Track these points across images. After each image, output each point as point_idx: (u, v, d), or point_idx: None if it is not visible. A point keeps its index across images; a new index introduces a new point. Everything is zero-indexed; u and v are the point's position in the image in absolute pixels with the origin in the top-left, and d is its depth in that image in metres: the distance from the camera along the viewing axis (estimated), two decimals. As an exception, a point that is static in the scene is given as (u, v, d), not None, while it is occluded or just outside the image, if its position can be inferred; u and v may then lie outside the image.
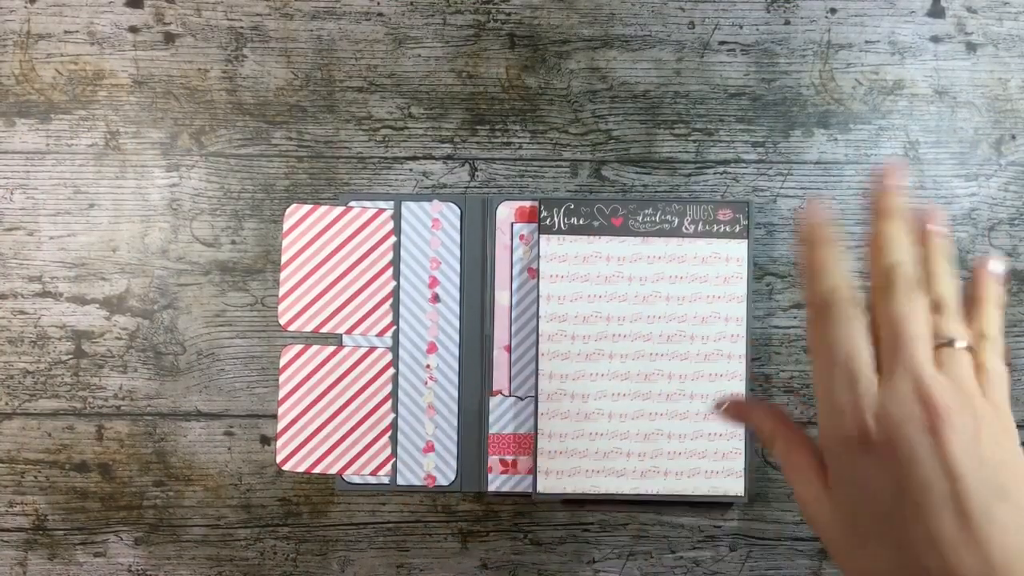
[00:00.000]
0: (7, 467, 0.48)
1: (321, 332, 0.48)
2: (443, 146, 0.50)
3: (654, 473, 0.47)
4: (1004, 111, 0.49)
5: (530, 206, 0.48)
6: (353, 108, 0.49)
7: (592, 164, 0.50)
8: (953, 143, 0.49)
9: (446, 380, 0.48)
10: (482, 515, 0.49)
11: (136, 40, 0.49)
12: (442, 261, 0.49)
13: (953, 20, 0.50)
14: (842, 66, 0.50)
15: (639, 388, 0.47)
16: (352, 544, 0.48)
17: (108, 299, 0.49)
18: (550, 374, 0.47)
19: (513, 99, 0.50)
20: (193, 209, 0.49)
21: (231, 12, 0.49)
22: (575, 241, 0.48)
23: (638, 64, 0.50)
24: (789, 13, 0.50)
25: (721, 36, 0.50)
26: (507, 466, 0.48)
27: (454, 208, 0.49)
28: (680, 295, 0.47)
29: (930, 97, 0.50)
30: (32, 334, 0.48)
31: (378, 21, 0.50)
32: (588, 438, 0.47)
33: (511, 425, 0.48)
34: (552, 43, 0.50)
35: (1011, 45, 0.50)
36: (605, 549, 0.48)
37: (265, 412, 0.48)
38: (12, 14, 0.49)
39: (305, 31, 0.49)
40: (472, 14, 0.50)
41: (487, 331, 0.48)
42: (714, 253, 0.47)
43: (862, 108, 0.49)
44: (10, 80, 0.49)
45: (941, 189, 0.49)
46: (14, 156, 0.49)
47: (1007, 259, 0.26)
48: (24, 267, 0.49)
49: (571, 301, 0.47)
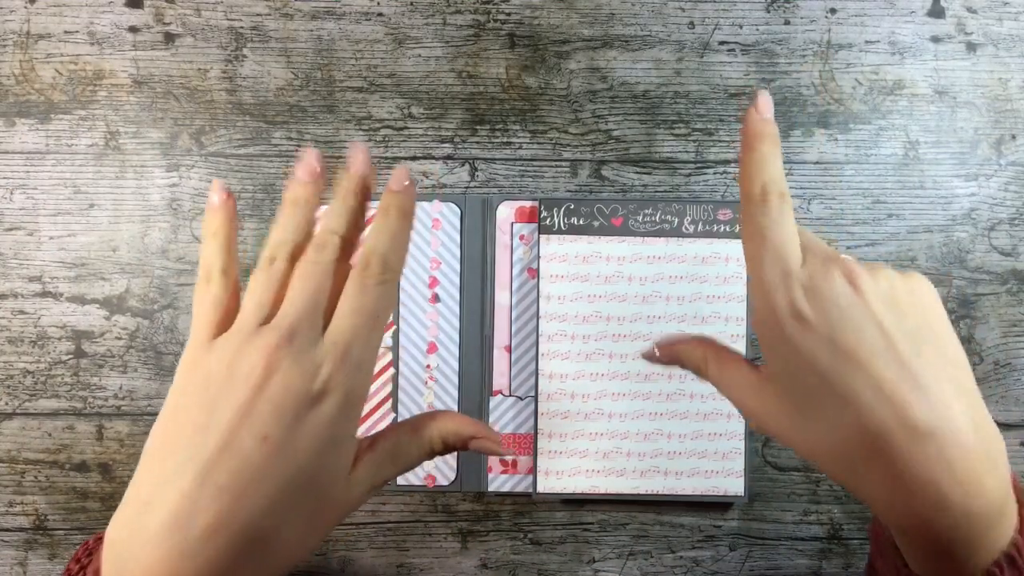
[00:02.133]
0: (7, 467, 0.48)
1: (321, 332, 0.48)
2: (443, 146, 0.50)
3: (654, 473, 0.47)
4: (1004, 111, 0.49)
5: (530, 206, 0.48)
6: (353, 108, 0.49)
7: (592, 164, 0.50)
8: (953, 143, 0.49)
9: (446, 380, 0.48)
10: (482, 515, 0.49)
11: (136, 40, 0.49)
12: (442, 261, 0.49)
13: (953, 20, 0.50)
14: (842, 66, 0.50)
15: (639, 388, 0.47)
16: (352, 544, 0.48)
17: (108, 299, 0.49)
18: (550, 374, 0.47)
19: (513, 99, 0.50)
20: (193, 209, 0.49)
21: (231, 12, 0.49)
22: (575, 241, 0.48)
23: (638, 64, 0.50)
24: (789, 13, 0.50)
25: (721, 36, 0.50)
26: (507, 466, 0.48)
27: (454, 208, 0.49)
28: (680, 295, 0.47)
29: (930, 97, 0.50)
30: (32, 334, 0.49)
31: (378, 21, 0.50)
32: (588, 438, 0.47)
33: (511, 425, 0.48)
34: (552, 43, 0.50)
35: (1011, 45, 0.50)
36: (605, 549, 0.49)
37: (265, 412, 0.48)
38: (12, 14, 0.49)
39: (305, 31, 0.49)
40: (472, 14, 0.50)
41: (487, 331, 0.48)
42: (714, 253, 0.47)
43: (862, 108, 0.49)
44: (10, 80, 0.49)
45: (941, 189, 0.49)
46: (14, 156, 0.49)
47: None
48: (24, 267, 0.49)
49: (571, 301, 0.48)
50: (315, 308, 0.26)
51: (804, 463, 0.49)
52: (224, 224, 0.29)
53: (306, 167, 0.29)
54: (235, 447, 0.24)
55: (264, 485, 0.24)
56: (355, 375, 0.26)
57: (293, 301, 0.26)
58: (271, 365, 0.25)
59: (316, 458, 0.25)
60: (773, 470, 0.49)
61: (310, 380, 0.25)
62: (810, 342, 0.25)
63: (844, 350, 0.25)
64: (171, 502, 0.24)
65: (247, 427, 0.24)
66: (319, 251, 0.27)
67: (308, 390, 0.25)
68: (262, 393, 0.25)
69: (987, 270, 0.49)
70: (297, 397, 0.25)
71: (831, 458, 0.26)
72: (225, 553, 0.24)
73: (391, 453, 0.29)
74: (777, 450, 0.49)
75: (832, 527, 0.49)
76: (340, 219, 0.28)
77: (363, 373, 0.27)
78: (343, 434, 0.27)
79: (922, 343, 0.25)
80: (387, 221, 0.28)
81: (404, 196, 0.29)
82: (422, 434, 0.30)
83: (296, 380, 0.25)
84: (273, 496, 0.24)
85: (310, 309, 0.26)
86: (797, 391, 0.26)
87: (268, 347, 0.25)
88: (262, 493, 0.24)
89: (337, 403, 0.26)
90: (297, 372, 0.25)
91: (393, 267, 0.28)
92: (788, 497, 0.49)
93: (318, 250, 0.27)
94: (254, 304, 0.27)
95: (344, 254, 0.28)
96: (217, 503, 0.24)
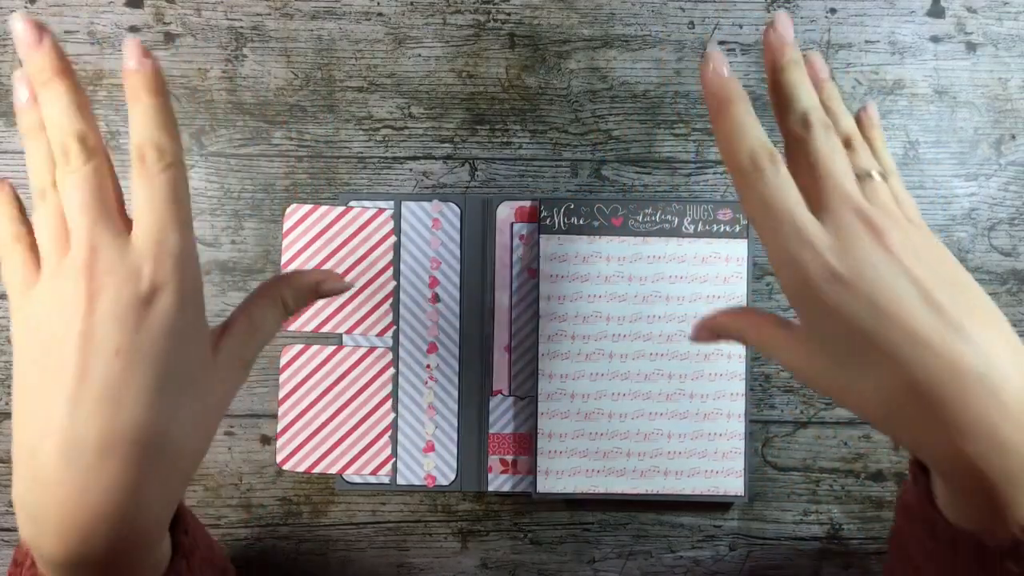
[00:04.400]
0: (7, 467, 0.48)
1: (321, 332, 0.48)
2: (443, 146, 0.50)
3: (654, 473, 0.47)
4: (1004, 111, 0.49)
5: (530, 206, 0.49)
6: (353, 108, 0.49)
7: (592, 164, 0.50)
8: (953, 143, 0.49)
9: (446, 380, 0.48)
10: (482, 515, 0.49)
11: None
12: (442, 261, 0.49)
13: (953, 20, 0.50)
14: (842, 66, 0.50)
15: (639, 388, 0.47)
16: (352, 544, 0.48)
17: (108, 299, 0.49)
18: (550, 374, 0.47)
19: (513, 99, 0.50)
20: (193, 209, 0.49)
21: (231, 12, 0.49)
22: (575, 241, 0.48)
23: (638, 64, 0.50)
24: (789, 13, 0.50)
25: (721, 36, 0.50)
26: (507, 466, 0.48)
27: (454, 208, 0.49)
28: (680, 295, 0.47)
29: (930, 97, 0.50)
30: (32, 334, 0.48)
31: (378, 21, 0.50)
32: (588, 438, 0.47)
33: (511, 425, 0.48)
34: (552, 43, 0.50)
35: (1011, 45, 0.50)
36: (605, 549, 0.49)
37: (265, 412, 0.48)
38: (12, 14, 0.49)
39: (305, 31, 0.49)
40: (472, 14, 0.50)
41: (487, 331, 0.48)
42: (714, 253, 0.47)
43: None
44: (10, 80, 0.49)
45: (941, 189, 0.49)
46: (14, 156, 0.49)
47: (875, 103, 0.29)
48: (24, 267, 0.49)
49: (571, 301, 0.48)
50: (101, 213, 0.26)
51: (804, 463, 0.49)
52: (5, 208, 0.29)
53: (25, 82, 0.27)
54: (92, 370, 0.24)
55: (133, 392, 0.24)
56: (179, 265, 0.26)
57: (75, 218, 0.26)
58: (90, 285, 0.25)
59: (172, 352, 0.25)
60: (773, 470, 0.49)
61: (135, 283, 0.25)
62: (849, 303, 0.25)
63: (885, 307, 0.25)
64: (54, 438, 0.24)
65: (95, 347, 0.24)
66: (66, 157, 0.26)
67: (137, 293, 0.25)
68: (94, 313, 0.25)
69: (987, 270, 0.49)
70: (129, 303, 0.25)
71: (882, 412, 0.26)
72: (124, 465, 0.24)
73: (249, 326, 0.29)
74: (777, 450, 0.49)
75: (832, 527, 0.49)
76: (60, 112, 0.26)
77: (186, 262, 0.27)
78: (190, 324, 0.27)
79: (955, 290, 0.25)
80: (141, 105, 0.26)
81: (146, 73, 0.26)
82: (273, 297, 0.31)
83: (122, 288, 0.25)
84: (146, 400, 0.25)
85: (97, 217, 0.26)
86: (840, 349, 0.26)
87: (79, 271, 0.25)
88: (134, 400, 0.24)
89: (171, 297, 0.26)
90: (118, 280, 0.25)
91: (168, 148, 0.27)
92: (788, 497, 0.49)
93: (64, 157, 0.26)
94: (46, 239, 0.26)
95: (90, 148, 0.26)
96: (96, 422, 0.24)
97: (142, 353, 0.25)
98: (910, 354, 0.25)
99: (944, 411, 0.24)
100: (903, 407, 0.25)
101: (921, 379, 0.24)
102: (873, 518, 0.49)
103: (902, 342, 0.25)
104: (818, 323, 0.27)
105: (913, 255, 0.26)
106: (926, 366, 0.24)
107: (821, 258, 0.26)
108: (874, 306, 0.25)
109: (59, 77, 0.26)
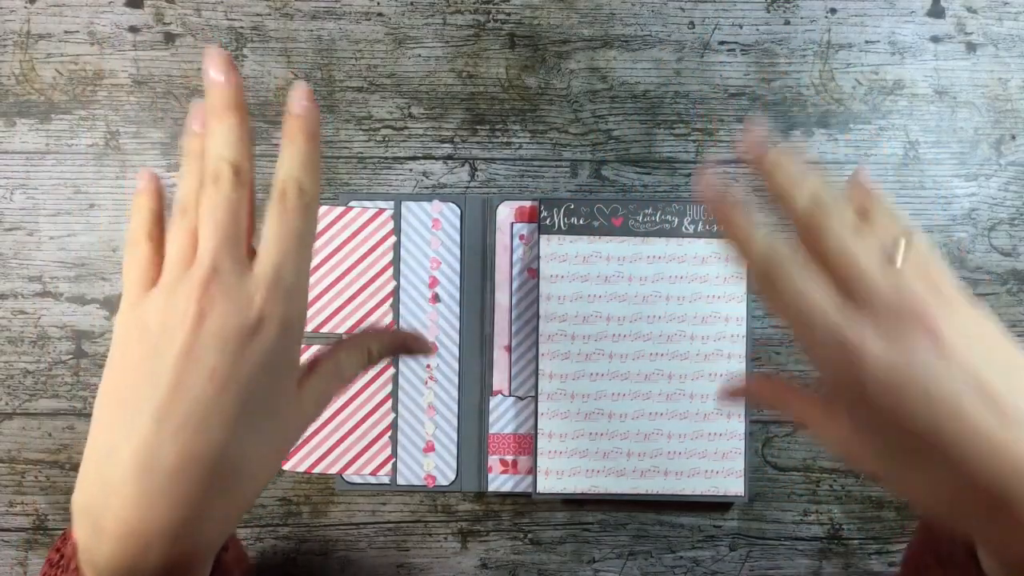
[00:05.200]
0: (7, 467, 0.48)
1: (321, 332, 0.48)
2: (443, 146, 0.50)
3: (654, 473, 0.47)
4: (1004, 111, 0.49)
5: (530, 206, 0.49)
6: (353, 108, 0.49)
7: (592, 164, 0.50)
8: (953, 143, 0.49)
9: (446, 380, 0.48)
10: (482, 515, 0.49)
11: (136, 40, 0.49)
12: (442, 261, 0.49)
13: (953, 20, 0.50)
14: (842, 66, 0.50)
15: (639, 388, 0.47)
16: (352, 544, 0.48)
17: (108, 299, 0.49)
18: (550, 374, 0.47)
19: (513, 99, 0.50)
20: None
21: (231, 12, 0.49)
22: (575, 241, 0.48)
23: (638, 64, 0.50)
24: (789, 13, 0.50)
25: (721, 36, 0.50)
26: (507, 466, 0.48)
27: (454, 208, 0.49)
28: (680, 295, 0.47)
29: (930, 97, 0.50)
30: (32, 334, 0.49)
31: (378, 21, 0.50)
32: (588, 438, 0.47)
33: (511, 425, 0.48)
34: (552, 43, 0.50)
35: (1011, 45, 0.50)
36: (605, 549, 0.49)
37: (265, 412, 0.48)
38: (12, 14, 0.49)
39: (305, 31, 0.49)
40: (472, 14, 0.50)
41: (487, 331, 0.48)
42: (714, 253, 0.47)
43: (862, 108, 0.49)
44: (10, 80, 0.49)
45: (941, 189, 0.49)
46: (14, 156, 0.49)
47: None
48: (24, 267, 0.49)
49: (571, 301, 0.48)
50: (231, 239, 0.26)
51: (804, 463, 0.49)
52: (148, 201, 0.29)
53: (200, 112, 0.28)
54: (185, 386, 0.24)
55: (220, 417, 0.25)
56: (289, 301, 0.26)
57: (207, 237, 0.26)
58: (203, 304, 0.25)
59: (264, 384, 0.26)
60: (773, 470, 0.49)
61: (245, 311, 0.25)
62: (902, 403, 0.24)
63: (939, 404, 0.24)
64: (133, 448, 0.24)
65: (193, 365, 0.25)
66: (215, 181, 0.27)
67: (245, 321, 0.25)
68: (200, 331, 0.25)
69: (987, 270, 0.49)
70: (235, 329, 0.25)
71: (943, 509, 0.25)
72: (196, 487, 0.24)
73: (334, 369, 0.30)
74: (777, 450, 0.49)
75: (832, 527, 0.49)
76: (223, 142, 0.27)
77: (297, 299, 0.27)
78: (286, 359, 0.27)
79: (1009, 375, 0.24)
80: (295, 146, 0.27)
81: (307, 119, 0.28)
82: (362, 347, 0.31)
83: (231, 313, 0.25)
84: (230, 426, 0.25)
85: (226, 241, 0.26)
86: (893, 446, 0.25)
87: (195, 287, 0.25)
88: (219, 425, 0.25)
89: (275, 330, 0.26)
90: (231, 305, 0.25)
91: (309, 191, 0.27)
92: (788, 497, 0.49)
93: (214, 181, 0.27)
94: (174, 252, 0.27)
95: (240, 179, 0.27)
96: (179, 441, 0.24)
97: (236, 380, 0.25)
98: (969, 452, 0.23)
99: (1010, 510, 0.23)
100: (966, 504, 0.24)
101: (983, 478, 0.23)
102: (873, 518, 0.49)
103: (959, 440, 0.23)
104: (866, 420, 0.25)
105: (963, 342, 0.24)
106: (987, 464, 0.23)
107: (865, 359, 0.24)
108: (928, 405, 0.24)
109: (232, 111, 0.27)
